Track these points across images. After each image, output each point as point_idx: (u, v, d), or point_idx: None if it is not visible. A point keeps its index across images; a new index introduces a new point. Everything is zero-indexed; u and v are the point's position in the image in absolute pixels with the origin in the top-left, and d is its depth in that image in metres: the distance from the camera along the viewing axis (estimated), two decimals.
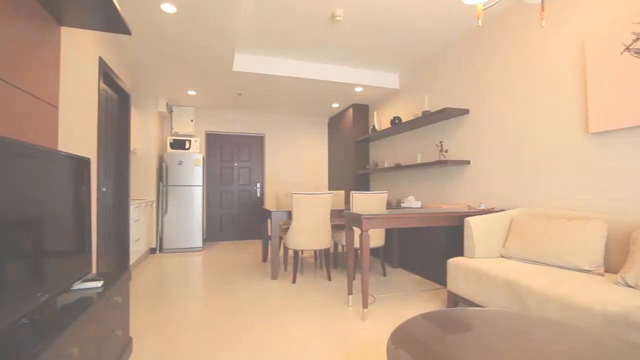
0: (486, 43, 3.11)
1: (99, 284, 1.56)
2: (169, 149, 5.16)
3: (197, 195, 5.06)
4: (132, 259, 3.66)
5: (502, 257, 2.36)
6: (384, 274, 3.51)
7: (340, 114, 5.93)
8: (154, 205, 4.87)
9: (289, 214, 3.43)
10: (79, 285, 1.53)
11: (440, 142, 3.43)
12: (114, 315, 1.61)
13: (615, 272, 1.93)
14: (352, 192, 3.33)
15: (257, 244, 5.64)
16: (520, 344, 1.15)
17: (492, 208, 2.86)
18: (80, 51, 2.19)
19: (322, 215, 3.32)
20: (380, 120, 5.03)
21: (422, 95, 4.00)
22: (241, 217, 6.12)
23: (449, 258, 2.79)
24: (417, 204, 3.57)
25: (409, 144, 4.30)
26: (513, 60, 2.82)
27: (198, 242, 5.01)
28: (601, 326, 1.44)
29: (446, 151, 3.43)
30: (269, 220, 5.53)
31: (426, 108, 3.64)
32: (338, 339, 2.03)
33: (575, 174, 2.33)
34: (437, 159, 3.49)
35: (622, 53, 1.99)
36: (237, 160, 6.12)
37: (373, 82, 4.45)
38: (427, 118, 3.55)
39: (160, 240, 4.92)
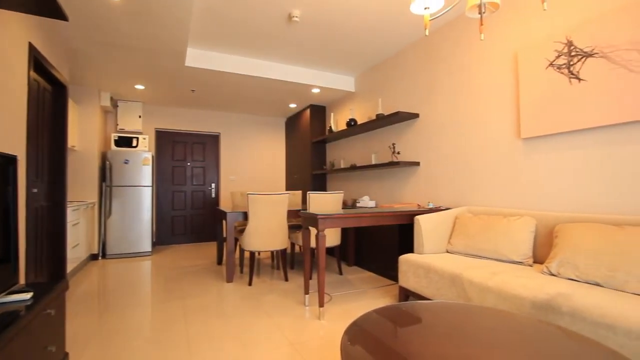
0: (435, 51, 3.31)
1: (28, 295, 1.41)
2: (113, 147, 4.79)
3: (146, 196, 4.76)
4: (70, 266, 3.35)
5: (447, 252, 2.52)
6: (340, 273, 3.58)
7: (298, 115, 5.94)
8: (96, 207, 4.49)
9: (245, 215, 3.36)
10: (2, 299, 1.37)
11: (393, 144, 3.59)
12: (47, 330, 1.46)
13: (542, 263, 2.16)
14: (308, 192, 3.35)
15: (212, 247, 5.45)
16: (462, 331, 1.24)
17: (439, 207, 3.06)
18: (4, 35, 1.96)
19: (278, 216, 3.30)
20: (337, 122, 5.13)
21: (376, 99, 4.15)
22: (195, 219, 5.87)
23: (401, 255, 2.92)
24: (372, 204, 3.69)
25: (364, 145, 4.44)
26: (458, 69, 3.04)
27: (147, 246, 4.71)
28: (530, 311, 1.60)
29: (398, 153, 3.59)
30: (224, 222, 5.38)
31: (380, 111, 3.78)
32: (295, 339, 2.04)
33: (510, 175, 2.57)
34: (390, 160, 3.65)
35: (547, 68, 2.24)
36: (190, 160, 5.86)
37: (330, 84, 4.52)
38: (381, 121, 3.70)
39: (103, 245, 4.55)
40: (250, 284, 3.20)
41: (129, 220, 4.63)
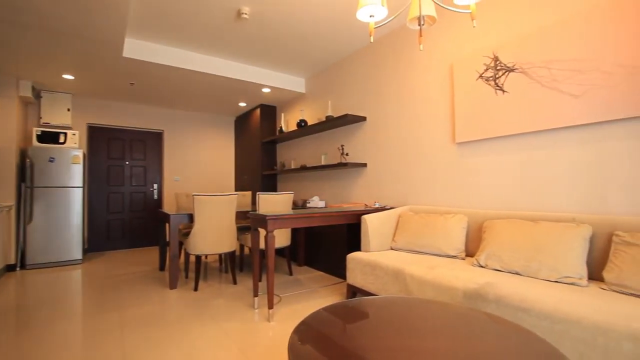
0: (381, 58, 3.47)
1: None
2: (35, 143, 4.25)
3: (76, 199, 4.30)
4: None
5: (392, 249, 2.66)
6: (290, 273, 3.58)
7: (248, 114, 5.82)
8: (13, 211, 3.95)
9: (191, 217, 3.21)
10: None
11: (342, 145, 3.69)
12: None
13: (473, 256, 2.38)
14: (258, 193, 3.30)
15: (154, 252, 5.11)
16: (404, 323, 1.32)
17: (385, 206, 3.21)
18: None
19: (226, 218, 3.21)
20: (288, 122, 5.12)
21: (326, 101, 4.23)
22: (134, 222, 5.45)
23: (349, 253, 3.01)
24: (322, 204, 3.75)
25: (315, 146, 4.49)
26: (402, 76, 3.22)
27: (77, 253, 4.27)
28: (462, 300, 1.76)
29: (347, 154, 3.70)
30: (167, 225, 5.08)
31: (330, 113, 3.86)
32: (243, 343, 2.00)
33: (446, 176, 2.78)
34: (339, 161, 3.75)
35: (477, 79, 2.48)
36: (129, 159, 5.43)
37: (280, 84, 4.50)
38: (330, 122, 3.77)
39: (22, 254, 4.02)
40: (196, 289, 3.06)
41: (54, 225, 4.15)
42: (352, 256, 2.56)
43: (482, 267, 2.02)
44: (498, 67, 2.35)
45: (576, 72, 1.98)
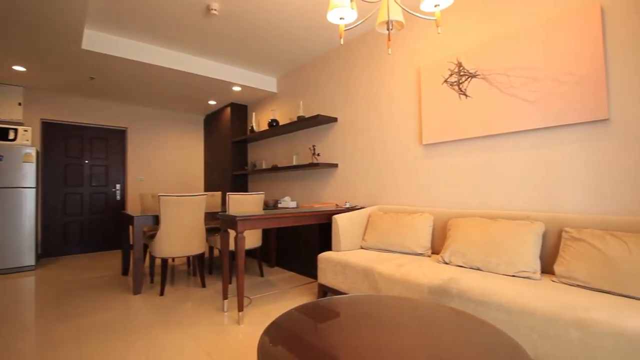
0: (352, 60, 3.52)
1: None
2: None
3: (28, 200, 3.99)
4: None
5: (362, 248, 2.71)
6: (262, 275, 3.54)
7: (218, 112, 5.69)
8: None
9: (156, 219, 3.08)
10: None
11: (313, 146, 3.70)
12: None
13: (438, 253, 2.47)
14: (228, 193, 3.24)
15: (116, 256, 4.86)
16: (373, 320, 1.35)
17: (355, 206, 3.26)
18: None
19: (195, 219, 3.12)
20: (259, 122, 5.07)
21: (298, 101, 4.22)
22: (95, 225, 5.15)
23: (320, 253, 3.03)
24: (293, 204, 3.75)
25: (286, 146, 4.47)
26: (372, 78, 3.29)
27: (29, 259, 3.96)
28: (428, 296, 1.83)
29: (318, 155, 3.71)
30: (130, 227, 4.86)
31: (301, 113, 3.86)
32: (211, 348, 1.95)
33: (414, 177, 2.88)
34: (311, 161, 3.76)
35: (442, 83, 2.59)
36: (89, 157, 5.12)
37: (252, 83, 4.44)
38: (302, 123, 3.78)
39: None
40: (162, 294, 2.95)
41: (3, 229, 3.83)
42: (323, 256, 2.57)
43: (446, 263, 2.11)
44: (461, 73, 2.46)
45: (531, 80, 2.12)
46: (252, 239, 3.38)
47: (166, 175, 5.79)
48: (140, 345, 1.99)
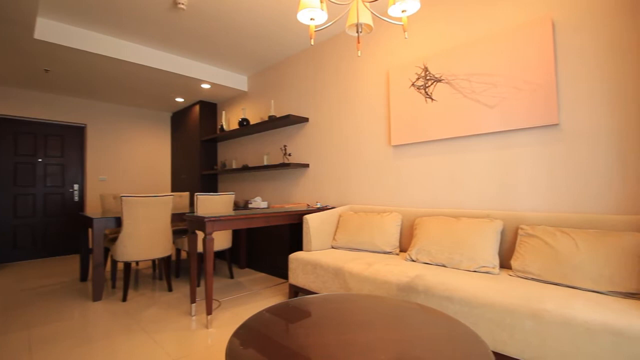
0: (323, 61, 3.54)
1: None
2: None
3: None
4: None
5: (332, 248, 2.74)
6: (231, 276, 3.48)
7: (186, 110, 5.51)
8: None
9: (118, 221, 2.93)
10: None
11: (284, 146, 3.68)
12: None
13: (406, 251, 2.55)
14: (196, 193, 3.15)
15: (74, 260, 4.56)
16: (343, 319, 1.37)
17: (326, 206, 3.29)
18: None
19: (161, 220, 3.00)
20: (229, 120, 4.97)
21: (269, 100, 4.19)
22: (49, 228, 4.80)
23: (292, 253, 3.02)
24: (264, 204, 3.71)
25: (257, 146, 4.42)
26: (343, 79, 3.33)
27: None
28: (397, 293, 1.88)
29: (289, 155, 3.70)
30: (90, 230, 4.58)
31: (272, 113, 3.83)
32: (178, 354, 1.89)
33: (383, 177, 2.95)
34: (282, 161, 3.74)
35: (410, 87, 2.67)
36: (43, 155, 4.77)
37: (221, 80, 4.34)
38: (273, 122, 3.75)
39: None
40: (124, 299, 2.81)
41: None
42: (294, 256, 2.57)
43: (413, 261, 2.18)
44: (428, 77, 2.56)
45: (491, 86, 2.24)
46: (222, 240, 3.31)
47: (130, 176, 5.52)
48: (100, 355, 1.89)
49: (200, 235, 3.15)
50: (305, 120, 3.67)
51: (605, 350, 1.22)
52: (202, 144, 5.07)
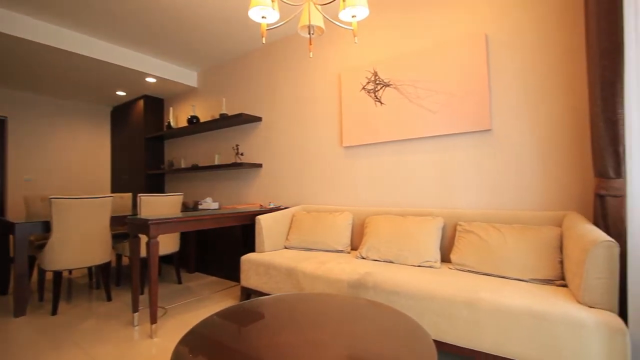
0: (278, 60, 3.51)
1: None
2: None
3: None
4: None
5: (286, 248, 2.73)
6: (179, 282, 3.30)
7: (128, 105, 5.12)
8: None
9: (47, 225, 2.64)
10: None
11: (237, 145, 3.60)
12: None
13: (357, 249, 2.63)
14: (140, 194, 2.94)
15: None
16: (296, 318, 1.37)
17: (280, 206, 3.27)
18: None
19: (98, 224, 2.75)
20: (177, 117, 4.72)
21: (221, 98, 4.05)
22: None
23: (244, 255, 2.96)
24: (215, 205, 3.59)
25: (208, 144, 4.26)
26: (297, 79, 3.34)
27: None
28: (348, 290, 1.93)
29: (242, 154, 3.62)
30: (11, 236, 4.06)
31: (224, 111, 3.71)
32: None
33: (336, 177, 3.01)
34: (234, 161, 3.64)
35: (360, 90, 2.76)
36: None
37: (169, 75, 4.11)
38: (225, 121, 3.64)
39: None
40: (54, 312, 2.53)
41: None
42: (247, 257, 2.52)
43: (364, 258, 2.26)
44: (377, 82, 2.66)
45: (433, 92, 2.40)
46: (168, 243, 3.13)
47: (63, 176, 4.99)
48: None
49: (144, 239, 2.95)
50: (259, 119, 3.61)
51: (528, 331, 1.38)
52: (147, 141, 4.75)
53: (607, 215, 1.56)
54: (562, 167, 2.01)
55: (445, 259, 2.20)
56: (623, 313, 1.31)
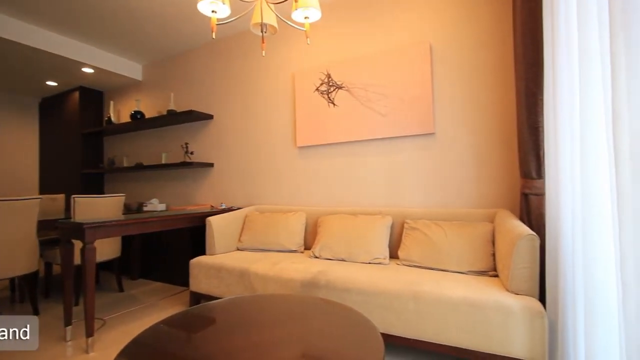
0: (230, 57, 3.41)
1: None
2: None
3: None
4: None
5: (238, 250, 2.67)
6: (121, 290, 3.07)
7: (61, 97, 4.63)
8: None
9: None
10: None
11: (186, 143, 3.43)
12: None
13: (310, 249, 2.65)
14: (74, 196, 2.68)
15: None
16: (248, 321, 1.35)
17: (232, 207, 3.19)
18: None
19: (21, 229, 2.45)
20: (119, 112, 4.37)
21: (168, 93, 3.83)
22: None
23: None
24: (162, 207, 3.40)
25: (153, 142, 4.00)
26: (251, 78, 3.27)
27: None
28: (301, 290, 1.94)
29: (192, 153, 3.47)
30: None
31: (172, 107, 3.52)
32: None
33: (290, 177, 3.01)
34: (183, 160, 3.47)
35: (314, 91, 2.79)
36: None
37: (109, 66, 3.79)
38: (173, 117, 3.46)
39: None
40: None
41: None
42: (196, 261, 2.42)
43: (317, 257, 2.29)
44: (330, 83, 2.71)
45: (383, 96, 2.50)
46: (108, 249, 2.89)
47: None
48: None
49: (78, 245, 2.69)
50: (210, 117, 3.48)
51: (465, 319, 1.50)
52: (83, 137, 4.34)
53: (531, 212, 1.75)
54: (494, 169, 2.21)
55: (393, 255, 2.30)
56: (542, 298, 1.48)
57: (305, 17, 1.70)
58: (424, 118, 2.36)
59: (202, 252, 3.07)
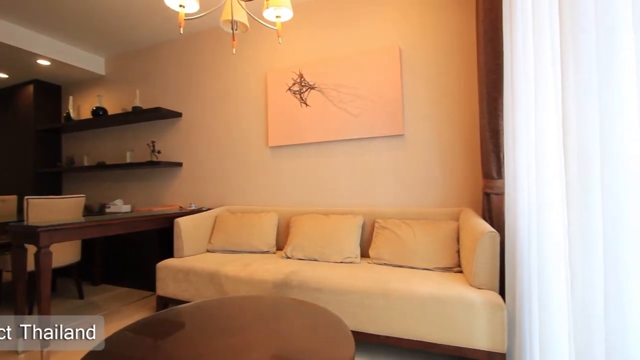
0: (200, 54, 3.32)
1: None
2: None
3: None
4: None
5: (208, 252, 2.60)
6: (81, 297, 2.90)
7: (12, 90, 4.29)
8: None
9: None
10: None
11: (153, 142, 3.30)
12: None
13: (282, 249, 2.64)
14: (27, 197, 2.50)
15: None
16: (218, 324, 1.33)
17: (202, 207, 3.10)
18: None
19: None
20: (79, 108, 4.12)
21: (134, 89, 3.66)
22: None
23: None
24: (126, 208, 3.25)
25: (117, 140, 3.81)
26: (222, 76, 3.20)
27: None
28: (273, 291, 1.92)
29: (159, 152, 3.34)
30: None
31: (138, 104, 3.37)
32: None
33: (262, 177, 2.98)
34: (150, 159, 3.33)
35: (286, 91, 2.78)
36: None
37: (68, 59, 3.57)
38: (139, 115, 3.31)
39: None
40: None
41: None
42: (163, 264, 2.34)
43: (289, 258, 2.28)
44: (303, 84, 2.72)
45: (355, 97, 2.54)
46: (66, 253, 2.72)
47: None
48: None
49: (32, 249, 2.51)
50: (179, 115, 3.37)
51: (431, 312, 1.56)
52: (38, 134, 4.04)
53: (492, 210, 1.85)
54: (459, 169, 2.31)
55: (365, 254, 2.34)
56: (502, 292, 1.57)
57: (277, 17, 1.69)
58: (394, 119, 2.43)
59: (171, 254, 2.97)
